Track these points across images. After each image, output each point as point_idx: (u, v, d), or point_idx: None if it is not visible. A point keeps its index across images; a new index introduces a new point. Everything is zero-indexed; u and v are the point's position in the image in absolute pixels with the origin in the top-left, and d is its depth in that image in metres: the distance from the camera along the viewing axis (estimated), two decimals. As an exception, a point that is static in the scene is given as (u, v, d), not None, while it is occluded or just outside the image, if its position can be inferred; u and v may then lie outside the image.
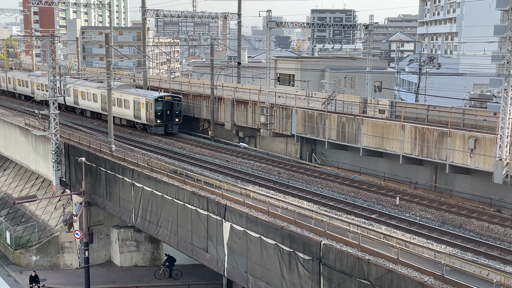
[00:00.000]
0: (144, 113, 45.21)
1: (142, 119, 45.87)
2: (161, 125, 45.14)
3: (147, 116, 45.08)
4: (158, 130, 45.08)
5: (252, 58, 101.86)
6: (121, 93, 47.73)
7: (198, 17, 61.60)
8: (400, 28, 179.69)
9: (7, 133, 52.19)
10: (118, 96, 47.61)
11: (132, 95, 46.45)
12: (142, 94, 45.88)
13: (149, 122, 45.29)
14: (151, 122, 45.07)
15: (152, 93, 46.60)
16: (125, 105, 47.38)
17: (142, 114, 45.58)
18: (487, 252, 21.39)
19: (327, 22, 76.82)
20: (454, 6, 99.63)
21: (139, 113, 45.98)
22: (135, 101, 46.04)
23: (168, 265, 38.69)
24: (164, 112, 44.90)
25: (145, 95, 45.21)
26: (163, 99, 44.80)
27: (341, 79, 56.57)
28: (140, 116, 45.93)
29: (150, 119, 44.93)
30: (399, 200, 27.67)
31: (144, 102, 45.04)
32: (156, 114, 44.56)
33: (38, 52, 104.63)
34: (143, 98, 45.07)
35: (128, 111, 47.37)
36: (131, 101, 46.52)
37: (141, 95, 45.50)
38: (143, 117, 45.52)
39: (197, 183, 29.67)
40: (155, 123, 44.88)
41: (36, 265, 40.71)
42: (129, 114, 47.29)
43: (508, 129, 26.42)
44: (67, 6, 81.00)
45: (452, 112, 33.13)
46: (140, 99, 45.48)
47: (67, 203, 43.35)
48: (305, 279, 22.65)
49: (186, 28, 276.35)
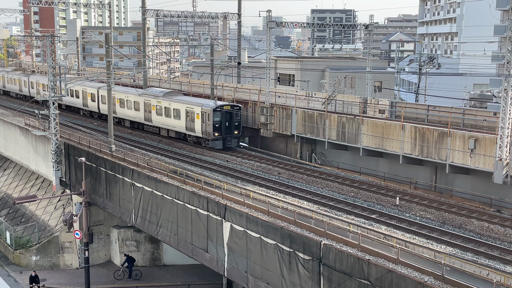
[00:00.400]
0: (199, 125, 39.74)
1: (197, 132, 40.30)
2: (220, 139, 39.53)
3: (203, 128, 39.58)
4: (216, 144, 39.50)
5: (252, 58, 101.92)
6: (170, 101, 42.64)
7: (198, 17, 61.63)
8: (400, 28, 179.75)
9: (7, 133, 52.20)
10: (166, 104, 42.66)
11: (183, 104, 41.23)
12: (196, 103, 40.92)
13: (205, 135, 39.71)
14: (208, 135, 39.50)
15: (208, 101, 41.27)
16: (174, 115, 42.01)
17: (196, 126, 40.13)
18: (487, 252, 21.39)
19: (327, 22, 76.85)
20: (454, 6, 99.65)
21: (192, 124, 40.45)
22: (188, 111, 40.59)
23: (127, 265, 38.65)
24: (223, 124, 39.44)
25: (201, 104, 40.07)
26: (222, 108, 39.48)
27: (341, 79, 56.60)
28: (194, 128, 40.40)
29: (207, 131, 39.37)
30: (399, 200, 27.67)
31: (199, 112, 39.69)
32: (214, 126, 38.99)
33: (38, 52, 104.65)
34: (198, 108, 39.85)
35: (178, 122, 41.85)
36: (183, 111, 41.05)
37: (195, 104, 40.52)
38: (198, 129, 40.03)
39: (197, 183, 29.68)
40: (213, 137, 39.26)
41: (36, 265, 40.71)
42: (180, 125, 41.70)
43: (508, 129, 26.42)
44: (67, 6, 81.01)
45: (452, 112, 33.16)
46: (194, 109, 40.21)
47: (67, 203, 43.36)
48: (305, 279, 22.65)
49: (186, 28, 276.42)
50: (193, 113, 40.29)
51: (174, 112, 41.99)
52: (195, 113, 40.12)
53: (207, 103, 40.17)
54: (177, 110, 41.69)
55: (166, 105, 42.80)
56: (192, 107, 40.43)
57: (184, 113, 40.97)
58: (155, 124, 44.55)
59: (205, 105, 39.68)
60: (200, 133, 39.97)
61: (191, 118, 40.48)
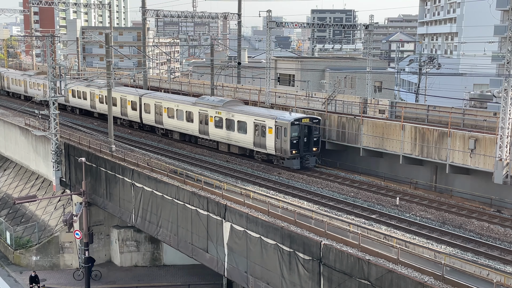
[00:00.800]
0: (272, 141, 34.24)
1: (268, 148, 34.76)
2: (297, 157, 34.16)
3: (277, 144, 34.09)
4: (292, 163, 34.05)
5: (252, 58, 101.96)
6: (232, 112, 37.31)
7: (198, 17, 61.65)
8: (400, 28, 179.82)
9: (7, 133, 52.20)
10: (228, 116, 37.44)
11: (251, 116, 35.95)
12: (269, 115, 35.38)
13: (279, 153, 34.18)
14: (283, 153, 33.95)
15: (282, 113, 35.78)
16: (238, 128, 36.73)
17: (268, 142, 34.59)
18: (487, 252, 21.39)
19: (327, 22, 76.84)
20: (454, 6, 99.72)
21: (262, 140, 34.97)
22: (258, 124, 35.19)
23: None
24: (301, 140, 34.11)
25: (274, 117, 34.66)
26: (300, 122, 34.16)
27: (341, 79, 56.61)
28: (265, 144, 34.86)
29: (282, 148, 33.88)
30: (399, 200, 27.67)
31: (272, 126, 34.22)
32: (292, 143, 33.61)
33: (38, 52, 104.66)
34: (271, 121, 34.43)
35: (243, 137, 36.43)
36: (250, 124, 35.74)
37: (267, 117, 35.00)
38: (270, 145, 34.49)
39: (197, 183, 29.68)
40: (290, 155, 33.82)
41: (36, 265, 40.72)
42: (245, 140, 36.41)
43: (508, 129, 26.43)
44: (67, 6, 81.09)
45: (452, 112, 33.16)
46: (266, 122, 34.69)
47: (67, 203, 43.36)
48: (305, 279, 22.66)
49: (186, 28, 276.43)
50: (264, 127, 34.84)
51: (238, 124, 36.75)
52: (266, 127, 34.64)
53: (282, 115, 34.82)
54: (242, 122, 36.44)
55: (228, 117, 37.42)
56: (263, 119, 35.05)
57: (252, 127, 35.61)
58: (212, 138, 39.18)
59: (280, 118, 34.34)
60: (273, 150, 34.48)
61: (261, 133, 35.08)
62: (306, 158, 34.47)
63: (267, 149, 34.88)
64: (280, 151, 34.06)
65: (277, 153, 34.36)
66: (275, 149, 34.33)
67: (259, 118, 35.33)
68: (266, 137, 34.69)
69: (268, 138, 34.58)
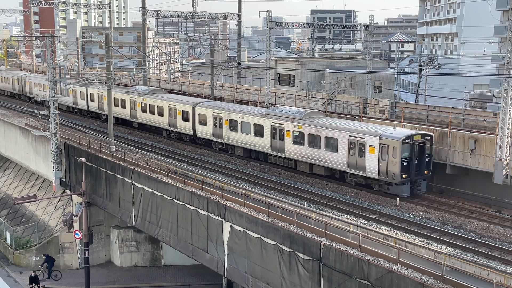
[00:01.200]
0: (375, 162, 28.43)
1: (368, 171, 28.98)
2: (407, 182, 28.42)
3: (381, 167, 28.26)
4: (402, 190, 28.36)
5: (252, 59, 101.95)
6: (317, 126, 31.76)
7: (198, 17, 61.66)
8: (400, 29, 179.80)
9: (7, 134, 52.20)
10: (311, 131, 31.85)
11: (344, 132, 30.14)
12: (370, 131, 29.30)
13: (384, 177, 28.32)
14: (391, 178, 28.09)
15: (385, 128, 29.64)
16: (326, 146, 31.14)
17: (368, 163, 28.83)
18: (487, 253, 21.40)
19: (327, 23, 76.81)
20: (454, 7, 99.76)
21: (360, 160, 29.21)
22: (354, 141, 29.49)
23: (47, 266, 38.55)
24: (412, 161, 28.31)
25: (377, 133, 28.65)
26: (411, 140, 28.23)
27: (341, 79, 56.58)
28: (364, 166, 29.10)
29: (388, 172, 28.00)
30: (399, 201, 27.67)
31: (375, 144, 28.39)
32: (402, 165, 27.80)
33: (38, 53, 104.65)
34: (374, 138, 28.53)
35: (332, 156, 30.79)
36: (344, 141, 30.00)
37: (368, 133, 29.08)
38: (371, 167, 28.71)
39: (197, 184, 29.67)
40: (400, 179, 28.02)
41: (36, 266, 40.66)
42: (335, 160, 30.73)
43: (508, 130, 26.43)
44: (67, 6, 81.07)
45: (452, 113, 33.17)
46: (365, 139, 28.86)
47: (67, 203, 43.35)
48: (305, 280, 22.65)
49: (186, 29, 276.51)
50: (362, 145, 29.12)
51: (325, 141, 31.21)
52: (366, 145, 28.89)
53: (387, 132, 28.76)
54: (331, 139, 30.86)
55: (311, 132, 31.96)
56: (361, 136, 29.19)
57: (346, 144, 29.95)
58: (289, 156, 33.82)
59: (386, 135, 28.38)
60: (376, 173, 28.61)
61: (358, 151, 29.42)
62: (417, 183, 29.09)
63: (367, 171, 29.10)
64: (386, 175, 28.21)
65: (382, 177, 28.53)
66: (378, 172, 28.49)
67: (355, 135, 29.55)
68: (366, 158, 28.96)
69: (368, 159, 28.84)
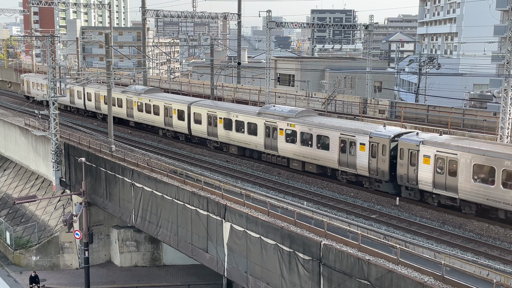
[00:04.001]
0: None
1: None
2: None
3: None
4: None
5: (252, 58, 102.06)
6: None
7: (198, 17, 61.70)
8: (400, 29, 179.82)
9: (7, 133, 52.20)
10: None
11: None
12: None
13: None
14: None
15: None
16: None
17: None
18: (487, 253, 21.41)
19: (327, 23, 76.87)
20: (454, 6, 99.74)
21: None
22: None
23: None
24: None
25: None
26: None
27: (341, 79, 56.67)
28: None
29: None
30: (399, 201, 27.67)
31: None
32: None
33: (38, 53, 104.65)
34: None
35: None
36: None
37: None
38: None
39: (197, 183, 29.66)
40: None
41: (36, 265, 40.71)
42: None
43: (508, 129, 26.43)
44: (67, 6, 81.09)
45: (452, 112, 33.18)
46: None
47: (67, 203, 43.36)
48: (305, 279, 22.66)
49: (186, 28, 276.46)
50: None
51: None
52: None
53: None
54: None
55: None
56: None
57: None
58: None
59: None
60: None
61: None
62: None
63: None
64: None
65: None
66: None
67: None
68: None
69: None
